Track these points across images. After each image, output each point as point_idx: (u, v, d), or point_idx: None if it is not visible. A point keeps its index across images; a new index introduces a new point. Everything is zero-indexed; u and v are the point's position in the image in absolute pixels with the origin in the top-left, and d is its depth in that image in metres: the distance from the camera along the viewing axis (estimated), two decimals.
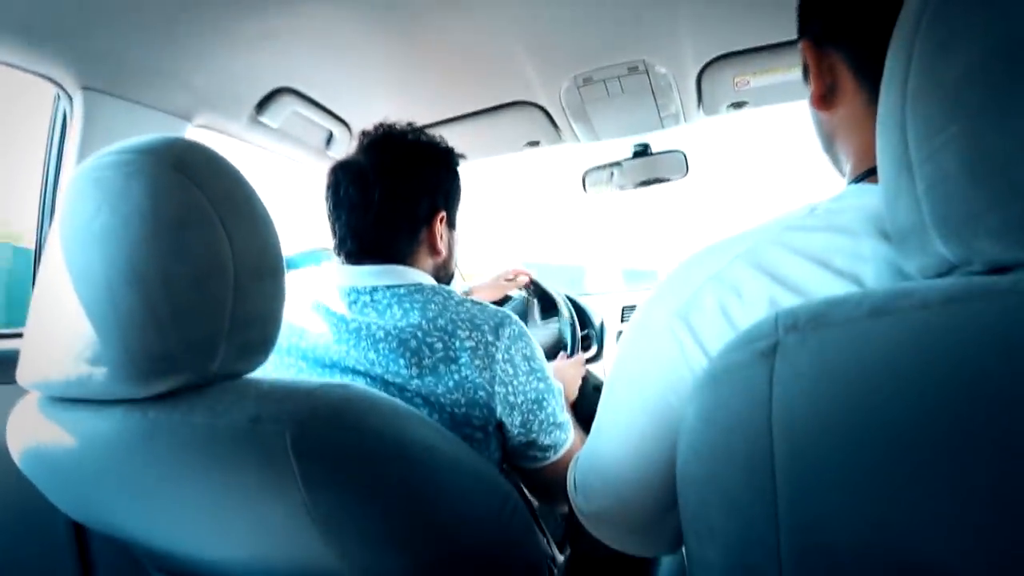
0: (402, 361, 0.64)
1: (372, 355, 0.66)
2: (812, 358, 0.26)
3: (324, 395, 0.41)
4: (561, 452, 0.75)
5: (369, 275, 0.72)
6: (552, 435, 0.73)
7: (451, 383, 0.64)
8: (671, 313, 0.40)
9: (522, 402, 0.68)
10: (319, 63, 0.92)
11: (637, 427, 0.43)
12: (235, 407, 0.40)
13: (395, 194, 0.73)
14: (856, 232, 0.37)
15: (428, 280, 0.75)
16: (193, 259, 0.42)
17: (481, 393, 0.65)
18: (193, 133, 0.96)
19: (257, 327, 0.46)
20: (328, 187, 0.76)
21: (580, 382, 1.22)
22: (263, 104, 1.00)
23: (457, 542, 0.48)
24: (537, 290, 1.46)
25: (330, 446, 0.39)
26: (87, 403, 0.47)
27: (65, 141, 0.79)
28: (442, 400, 0.64)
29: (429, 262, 0.79)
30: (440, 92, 1.05)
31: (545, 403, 0.71)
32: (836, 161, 0.49)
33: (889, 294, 0.26)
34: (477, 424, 0.65)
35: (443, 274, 0.82)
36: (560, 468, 0.75)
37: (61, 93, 0.77)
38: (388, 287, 0.71)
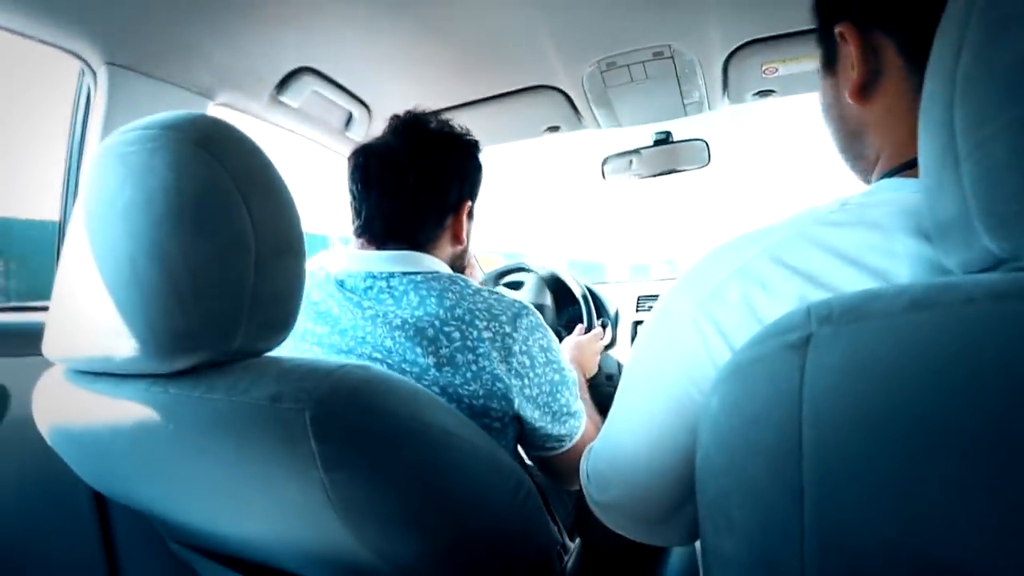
0: (419, 350, 0.64)
1: (389, 343, 0.65)
2: (846, 352, 0.25)
3: (344, 376, 0.41)
4: (575, 440, 0.75)
5: (386, 261, 0.71)
6: (566, 425, 0.73)
7: (469, 374, 0.64)
8: (694, 304, 0.39)
9: (537, 395, 0.68)
10: (340, 43, 0.92)
11: (655, 417, 0.43)
12: (255, 385, 0.41)
13: (428, 179, 0.73)
14: (889, 228, 0.35)
15: (445, 268, 0.74)
16: (215, 236, 0.42)
17: (499, 385, 0.64)
18: (214, 111, 0.96)
19: (277, 305, 0.46)
20: (356, 168, 0.75)
21: (598, 356, 1.23)
22: (284, 84, 1.00)
23: (471, 526, 0.48)
24: (549, 278, 1.47)
25: (349, 427, 0.39)
26: (110, 376, 0.47)
27: (89, 117, 0.79)
28: (460, 391, 0.64)
29: (449, 250, 0.78)
30: (460, 74, 1.03)
31: (559, 394, 0.71)
32: (859, 158, 0.46)
33: (930, 288, 0.25)
34: (495, 415, 0.65)
35: (459, 264, 0.82)
36: (574, 456, 0.75)
37: (85, 68, 0.78)
38: (405, 273, 0.70)
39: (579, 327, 1.25)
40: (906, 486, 0.24)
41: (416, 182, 0.72)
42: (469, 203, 0.79)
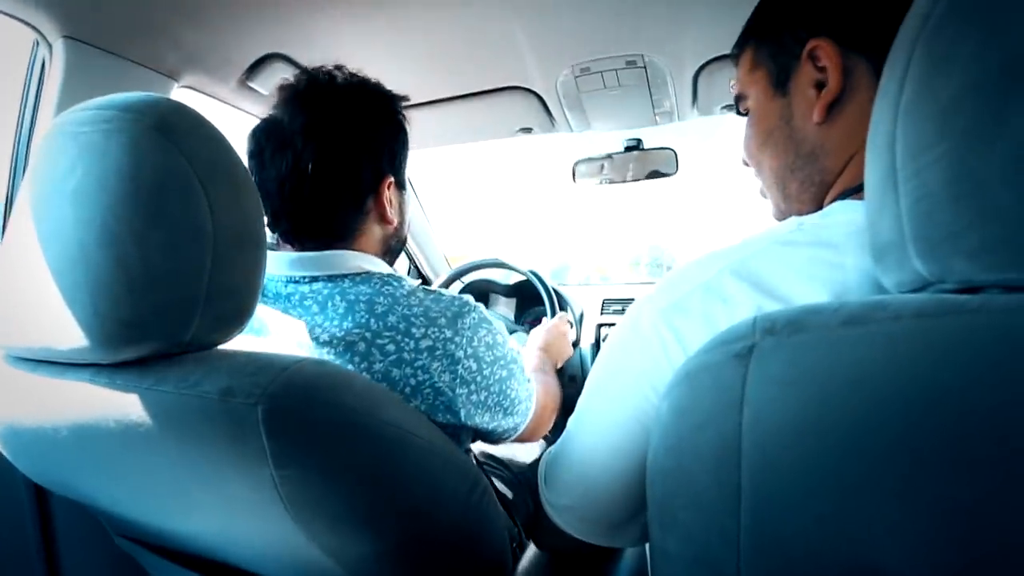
0: (351, 367, 0.57)
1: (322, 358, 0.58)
2: (786, 362, 0.27)
3: (299, 370, 0.40)
4: (529, 418, 0.73)
5: (307, 264, 0.62)
6: (519, 413, 0.70)
7: (408, 389, 0.57)
8: (657, 313, 0.41)
9: (486, 397, 0.63)
10: (313, 31, 0.90)
11: (615, 422, 0.44)
12: (207, 379, 0.40)
13: (331, 161, 0.62)
14: (840, 246, 0.37)
15: (375, 266, 0.66)
16: (171, 224, 0.41)
17: (442, 399, 0.59)
18: (179, 94, 0.93)
19: (235, 297, 0.45)
20: (249, 154, 0.64)
21: (569, 338, 1.23)
22: (253, 69, 0.97)
23: (425, 525, 0.48)
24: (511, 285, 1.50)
25: (302, 423, 0.39)
26: (53, 365, 0.46)
27: (42, 92, 0.76)
28: None
29: (379, 232, 0.70)
30: (435, 70, 1.03)
31: (509, 389, 0.67)
32: (808, 182, 0.47)
33: (865, 305, 0.26)
34: (441, 424, 0.61)
35: (395, 242, 0.74)
36: (526, 434, 0.75)
37: (40, 40, 0.74)
38: (329, 277, 0.62)
39: (545, 319, 1.27)
40: (834, 491, 0.25)
41: (316, 166, 0.61)
42: (391, 178, 0.68)
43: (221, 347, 0.46)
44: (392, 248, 0.75)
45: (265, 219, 0.66)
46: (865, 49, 0.41)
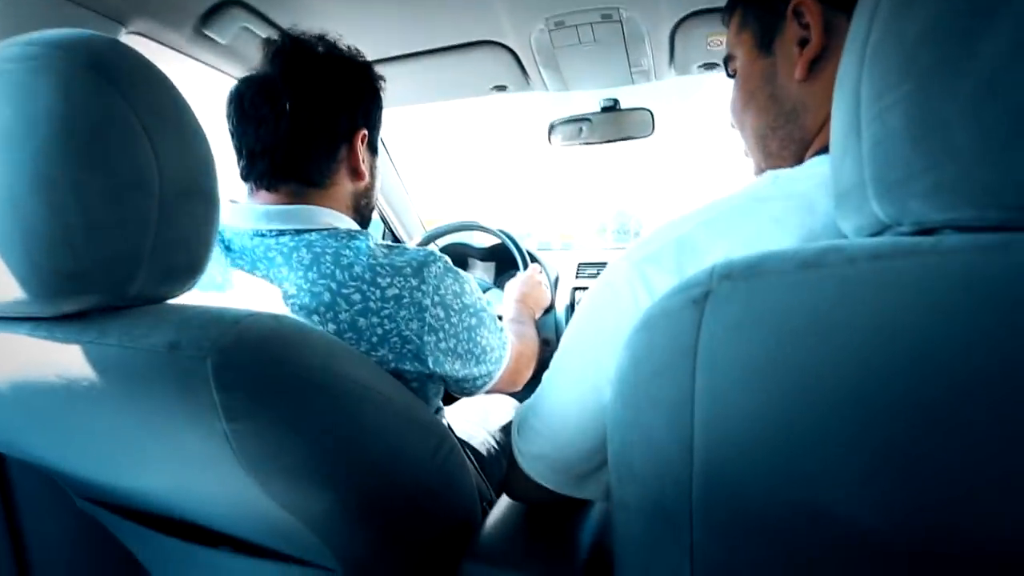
0: (315, 318, 0.57)
1: (283, 312, 0.58)
2: (741, 306, 0.26)
3: (252, 324, 0.39)
4: (503, 365, 0.75)
5: (275, 217, 0.63)
6: (491, 361, 0.71)
7: (374, 338, 0.58)
8: (632, 264, 0.41)
9: (455, 345, 0.64)
10: None
11: (586, 374, 0.44)
12: (153, 332, 0.38)
13: (309, 105, 0.64)
14: (812, 197, 0.38)
15: (343, 222, 0.67)
16: (111, 170, 0.38)
17: (409, 347, 0.60)
18: (129, 40, 0.87)
19: (183, 250, 0.43)
20: (229, 102, 0.66)
21: (545, 287, 1.25)
22: (209, 16, 0.91)
23: (386, 482, 0.48)
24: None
25: (255, 377, 0.38)
26: None
27: None
28: (368, 357, 0.58)
29: (350, 187, 0.71)
30: (404, 23, 0.98)
31: (479, 336, 0.68)
32: (789, 139, 0.48)
33: (820, 249, 0.26)
34: (410, 376, 0.62)
35: (365, 203, 0.75)
36: (503, 383, 0.76)
37: None
38: (297, 231, 0.63)
39: (518, 274, 1.27)
40: (784, 436, 0.25)
41: (295, 108, 0.63)
42: (364, 131, 0.71)
43: (172, 301, 0.44)
44: (361, 209, 0.75)
45: (236, 171, 0.67)
46: (847, 6, 0.41)
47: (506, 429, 1.09)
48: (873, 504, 0.24)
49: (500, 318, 0.96)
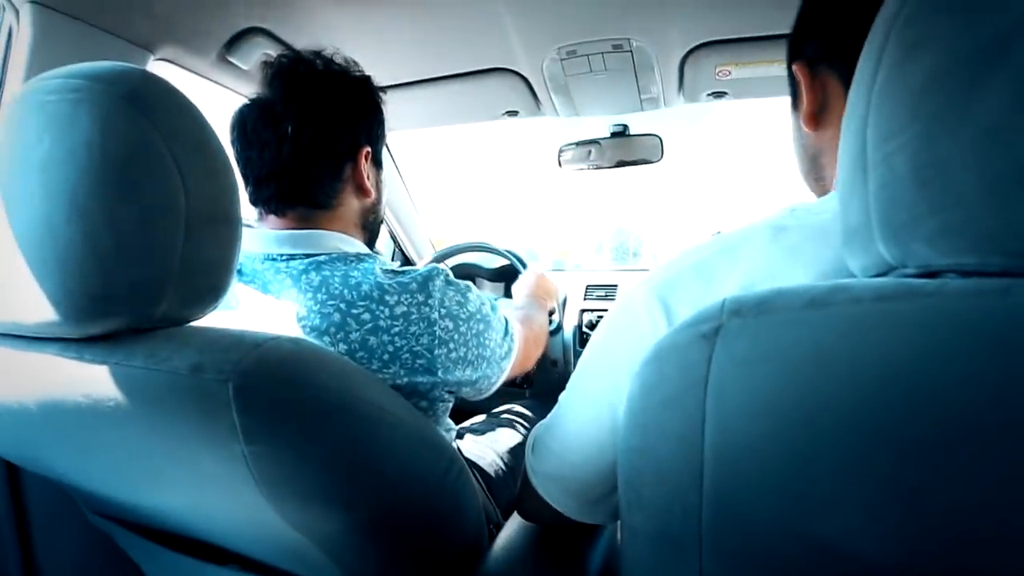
0: (327, 339, 0.58)
1: (296, 335, 0.57)
2: (750, 342, 0.27)
3: (272, 348, 0.40)
4: (511, 363, 0.76)
5: (285, 241, 0.65)
6: (501, 358, 0.73)
7: (386, 356, 0.59)
8: (650, 290, 0.42)
9: (466, 353, 0.65)
10: (295, 6, 0.88)
11: (600, 397, 0.45)
12: (177, 354, 0.39)
13: (310, 126, 0.64)
14: (827, 228, 0.39)
15: (352, 245, 0.68)
16: (142, 198, 0.40)
17: (421, 361, 0.61)
18: (156, 67, 0.90)
19: (208, 273, 0.44)
20: (233, 128, 0.67)
21: (549, 279, 1.26)
22: (233, 43, 0.95)
23: (398, 504, 0.49)
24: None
25: (274, 400, 0.39)
26: (20, 339, 0.45)
27: (8, 60, 0.73)
28: (379, 376, 0.59)
29: (356, 204, 0.72)
30: (420, 50, 1.01)
31: (487, 340, 0.69)
32: (818, 180, 0.51)
33: (829, 288, 0.27)
34: (423, 391, 0.63)
35: (373, 218, 0.76)
36: (512, 371, 0.78)
37: (6, 5, 0.71)
38: (306, 255, 0.64)
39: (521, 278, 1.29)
40: (792, 468, 0.26)
41: (296, 131, 0.64)
42: (367, 148, 0.71)
43: (193, 323, 0.46)
44: (369, 225, 0.76)
45: (246, 195, 0.68)
46: (832, 64, 0.45)
47: (515, 451, 1.09)
48: (879, 538, 0.25)
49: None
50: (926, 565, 0.25)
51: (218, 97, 1.06)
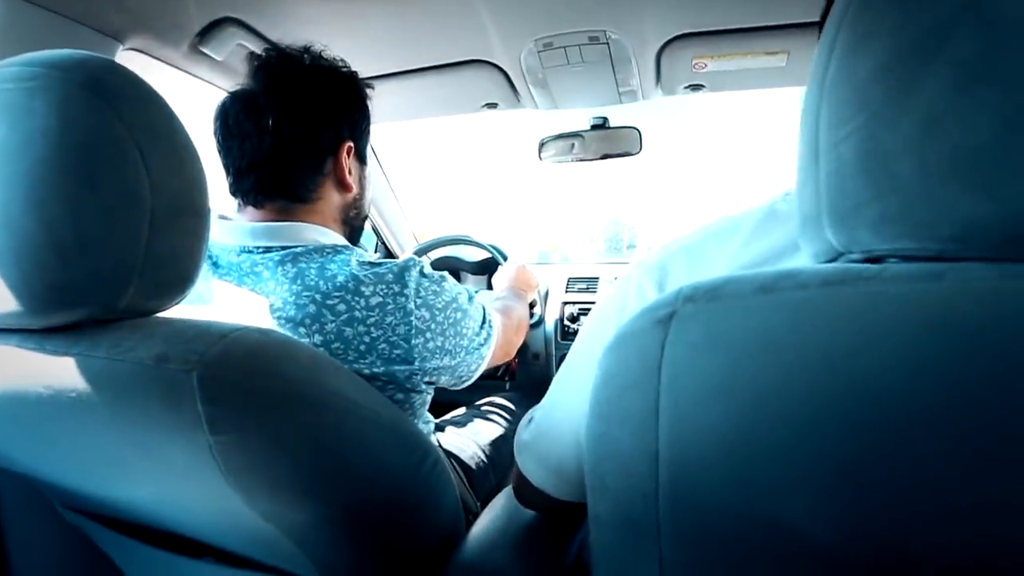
0: (302, 330, 0.58)
1: (271, 326, 0.59)
2: (702, 327, 0.28)
3: (239, 338, 0.40)
4: (490, 350, 0.76)
5: (261, 234, 0.64)
6: (481, 346, 0.73)
7: (362, 346, 0.59)
8: (642, 274, 0.43)
9: (443, 342, 0.66)
10: None
11: (584, 370, 0.46)
12: (141, 345, 0.39)
13: (291, 119, 0.64)
14: None
15: (329, 237, 0.68)
16: (104, 188, 0.40)
17: (398, 351, 0.61)
18: (127, 57, 0.89)
19: (174, 265, 0.44)
20: (216, 118, 0.67)
21: (528, 271, 1.27)
22: (206, 32, 0.93)
23: (369, 495, 0.49)
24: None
25: (240, 390, 0.38)
26: None
27: None
28: (356, 367, 0.59)
29: (338, 199, 0.72)
30: (397, 41, 1.01)
31: (464, 328, 0.70)
32: None
33: (777, 274, 0.27)
34: (399, 381, 0.63)
35: (355, 214, 0.76)
36: (498, 357, 0.79)
37: None
38: (283, 247, 0.63)
39: (501, 267, 1.29)
40: (742, 452, 0.27)
41: (277, 123, 0.63)
42: (350, 144, 0.71)
43: (160, 315, 0.45)
44: (351, 220, 0.75)
45: (225, 185, 0.68)
46: None
47: (496, 443, 1.10)
48: (826, 519, 0.26)
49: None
50: (872, 544, 0.25)
51: (190, 88, 1.05)
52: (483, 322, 0.76)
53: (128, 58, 0.90)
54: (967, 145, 0.23)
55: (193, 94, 1.06)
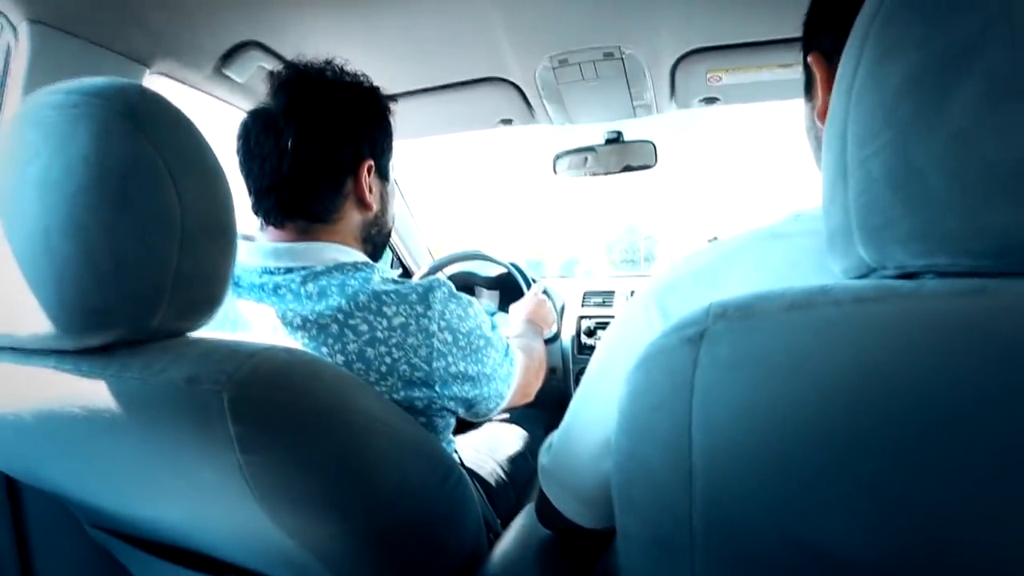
0: (324, 350, 0.57)
1: (293, 346, 0.59)
2: (734, 346, 0.27)
3: (267, 358, 0.40)
4: (511, 388, 0.75)
5: (283, 255, 0.64)
6: (499, 379, 0.71)
7: (383, 368, 0.58)
8: (651, 293, 0.43)
9: (465, 368, 0.64)
10: (289, 19, 0.89)
11: (604, 400, 0.45)
12: (172, 366, 0.40)
13: (310, 140, 0.64)
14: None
15: (350, 256, 0.67)
16: (138, 212, 0.41)
17: (419, 374, 0.60)
18: (152, 80, 0.91)
19: (203, 285, 0.45)
20: (238, 138, 0.67)
21: (548, 306, 1.26)
22: (229, 56, 0.96)
23: (394, 514, 0.49)
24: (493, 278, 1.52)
25: (269, 410, 0.39)
26: (15, 352, 0.45)
27: (7, 77, 0.74)
28: (377, 389, 0.59)
29: (358, 218, 0.71)
30: (413, 61, 1.02)
31: (486, 356, 0.68)
32: None
33: (809, 290, 0.27)
34: (419, 405, 0.62)
35: (376, 232, 0.75)
36: (517, 398, 0.77)
37: (4, 23, 0.72)
38: (303, 268, 0.63)
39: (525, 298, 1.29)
40: (778, 472, 0.26)
41: (296, 144, 0.63)
42: (370, 162, 0.70)
43: (189, 335, 0.46)
44: (372, 238, 0.75)
45: (248, 204, 0.69)
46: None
47: (514, 460, 1.09)
48: (864, 540, 0.25)
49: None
50: (911, 566, 0.25)
51: (215, 108, 1.07)
52: (505, 355, 0.74)
53: (153, 82, 0.93)
54: (1001, 160, 0.23)
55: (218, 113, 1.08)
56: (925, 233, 0.25)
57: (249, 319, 0.63)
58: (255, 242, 0.68)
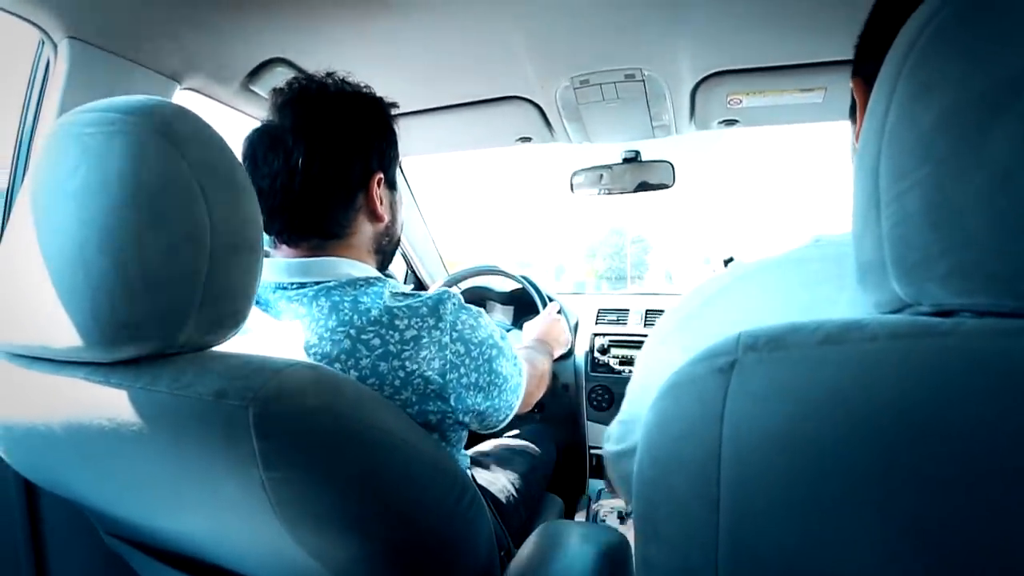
0: (337, 365, 0.58)
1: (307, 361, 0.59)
2: (766, 378, 0.27)
3: (292, 374, 0.41)
4: (519, 398, 0.75)
5: (296, 270, 0.65)
6: (509, 391, 0.72)
7: (397, 382, 0.58)
8: (675, 319, 0.44)
9: (477, 379, 0.65)
10: (315, 37, 0.91)
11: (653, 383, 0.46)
12: (200, 380, 0.40)
13: (321, 157, 0.64)
14: (848, 261, 0.39)
15: (362, 270, 0.68)
16: (170, 227, 0.41)
17: (432, 387, 0.60)
18: (181, 96, 0.94)
19: (230, 301, 0.45)
20: (244, 157, 0.66)
21: (562, 324, 1.27)
22: (256, 73, 0.98)
23: (411, 530, 0.49)
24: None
25: (292, 426, 0.39)
26: (49, 362, 0.46)
27: (46, 92, 0.76)
28: (391, 401, 0.59)
29: (371, 230, 0.72)
30: (436, 78, 1.04)
31: (498, 367, 0.68)
32: None
33: (843, 324, 0.27)
34: (434, 420, 0.62)
35: (387, 241, 0.75)
36: (519, 409, 0.78)
37: (45, 40, 0.75)
38: (316, 283, 0.64)
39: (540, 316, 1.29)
40: (809, 506, 0.26)
41: (307, 163, 0.63)
42: (380, 175, 0.70)
43: (215, 348, 0.47)
44: (384, 248, 0.76)
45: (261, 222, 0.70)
46: None
47: (526, 477, 1.09)
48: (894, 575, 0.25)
49: None
50: None
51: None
52: (517, 369, 0.75)
53: (182, 97, 0.95)
54: None
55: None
56: (965, 272, 0.25)
57: (261, 330, 0.63)
58: (269, 257, 0.68)
